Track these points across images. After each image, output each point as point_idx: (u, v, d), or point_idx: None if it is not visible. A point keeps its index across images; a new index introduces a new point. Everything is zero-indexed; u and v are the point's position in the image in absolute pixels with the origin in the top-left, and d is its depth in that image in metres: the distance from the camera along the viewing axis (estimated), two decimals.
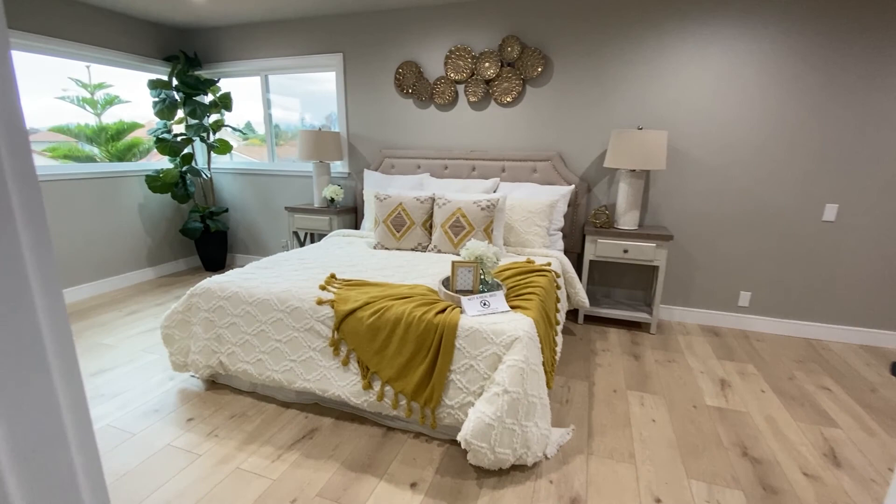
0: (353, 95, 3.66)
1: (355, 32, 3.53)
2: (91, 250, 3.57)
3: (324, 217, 3.59)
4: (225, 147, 4.12)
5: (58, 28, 3.21)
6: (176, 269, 4.31)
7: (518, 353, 1.60)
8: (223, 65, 4.04)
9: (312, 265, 2.41)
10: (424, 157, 3.46)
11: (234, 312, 2.05)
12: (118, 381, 2.28)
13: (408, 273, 2.32)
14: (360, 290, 2.02)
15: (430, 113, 3.45)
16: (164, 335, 2.18)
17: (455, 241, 2.67)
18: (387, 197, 2.88)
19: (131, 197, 3.86)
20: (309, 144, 3.46)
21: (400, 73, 3.43)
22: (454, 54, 3.25)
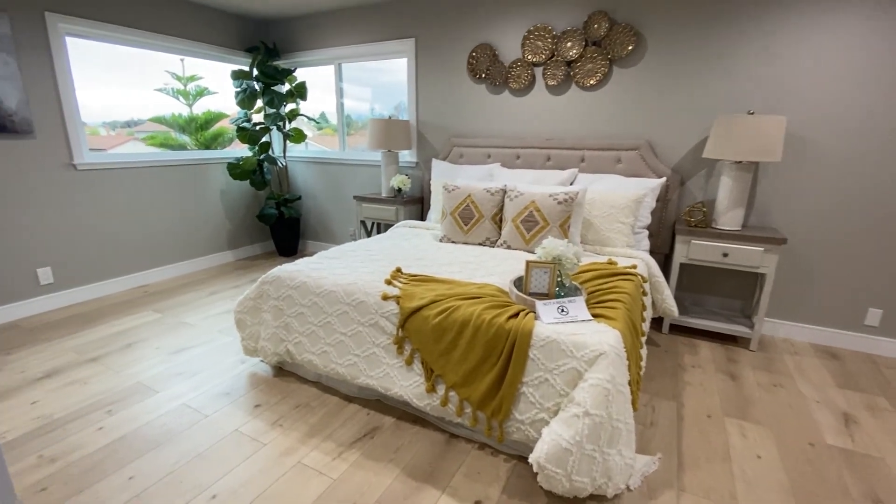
0: (423, 82, 3.55)
1: (428, 16, 3.40)
2: (179, 233, 3.81)
3: (390, 207, 3.54)
4: (299, 136, 4.21)
5: (157, 23, 3.41)
6: (252, 252, 4.52)
7: (603, 370, 1.40)
8: (299, 54, 4.11)
9: (379, 257, 2.35)
10: (495, 145, 3.27)
11: (302, 302, 2.04)
12: (196, 360, 2.38)
13: (475, 270, 2.18)
14: (426, 287, 1.92)
15: (504, 98, 3.25)
16: (237, 320, 2.22)
17: (527, 238, 2.48)
18: (455, 188, 2.75)
19: (215, 183, 4.07)
20: (378, 133, 3.41)
21: (473, 56, 3.26)
22: (533, 35, 3.01)
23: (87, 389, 2.10)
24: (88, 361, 2.36)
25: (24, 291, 2.92)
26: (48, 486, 1.53)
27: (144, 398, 2.04)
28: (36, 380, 2.18)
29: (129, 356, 2.43)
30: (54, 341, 2.59)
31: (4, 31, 2.63)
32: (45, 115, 2.88)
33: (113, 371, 2.27)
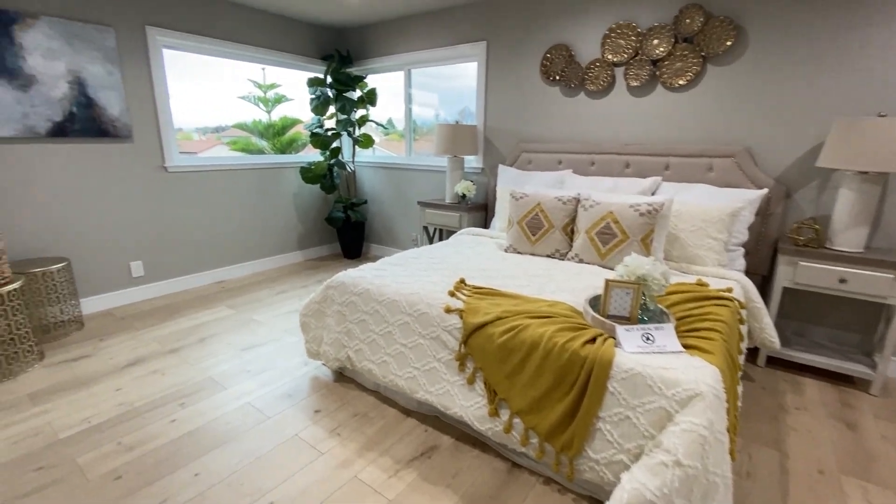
0: (493, 86, 3.45)
1: (501, 18, 3.29)
2: (254, 233, 4.01)
3: (454, 213, 3.47)
4: (368, 141, 4.27)
5: (242, 34, 3.61)
6: (320, 254, 4.65)
7: (699, 414, 1.20)
8: (371, 61, 4.18)
9: (441, 266, 2.27)
10: (568, 151, 3.09)
11: (365, 309, 2.01)
12: (262, 359, 2.44)
13: (544, 285, 2.02)
14: (491, 301, 1.80)
15: (579, 101, 3.06)
16: (302, 323, 2.25)
17: (602, 251, 2.28)
18: (523, 196, 2.61)
19: (288, 186, 4.24)
20: (445, 138, 3.35)
21: (548, 58, 3.10)
22: (614, 33, 2.80)
23: (164, 380, 2.22)
24: (168, 353, 2.51)
25: (118, 283, 3.19)
26: (123, 474, 1.60)
27: (213, 393, 2.11)
28: (122, 367, 2.34)
29: (204, 350, 2.54)
30: (141, 331, 2.79)
31: (110, 45, 2.89)
32: (142, 122, 3.14)
33: (188, 364, 2.38)
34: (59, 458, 1.67)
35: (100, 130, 2.92)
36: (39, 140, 2.71)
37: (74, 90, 2.78)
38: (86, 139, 2.89)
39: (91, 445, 1.74)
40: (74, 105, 2.80)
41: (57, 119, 2.74)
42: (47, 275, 2.60)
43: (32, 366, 2.34)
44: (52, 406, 2.00)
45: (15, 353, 2.26)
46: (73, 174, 2.87)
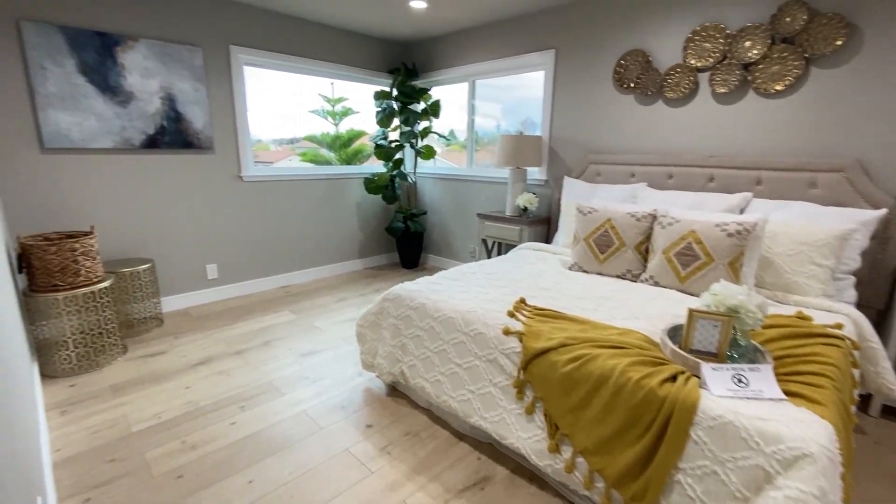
0: (560, 95, 3.31)
1: (572, 25, 3.16)
2: (318, 240, 4.14)
3: (514, 227, 3.35)
4: (430, 153, 4.28)
5: (315, 50, 3.77)
6: (379, 262, 4.72)
7: (808, 480, 1.00)
8: (435, 73, 4.19)
9: (501, 282, 2.17)
10: (641, 163, 2.87)
11: (420, 325, 1.95)
12: (320, 366, 2.47)
13: (615, 309, 1.85)
14: (554, 325, 1.67)
15: (656, 110, 2.84)
16: (358, 333, 2.24)
17: (682, 275, 2.06)
18: (591, 210, 2.45)
19: (352, 196, 4.35)
20: (508, 149, 3.26)
21: (622, 64, 2.92)
22: (699, 35, 2.57)
23: (229, 381, 2.30)
24: (234, 354, 2.61)
25: (195, 284, 3.40)
26: (184, 474, 1.65)
27: (272, 399, 2.14)
28: (192, 365, 2.47)
29: (266, 353, 2.62)
30: (212, 331, 2.94)
31: (198, 63, 3.12)
32: (223, 134, 3.35)
33: (251, 367, 2.46)
34: (130, 451, 1.77)
35: (185, 142, 3.16)
36: (133, 151, 2.97)
37: (165, 105, 3.03)
38: (173, 150, 3.13)
39: (159, 441, 1.82)
40: (165, 119, 3.04)
41: (150, 132, 2.99)
42: (134, 274, 2.82)
43: (116, 359, 2.53)
44: (129, 399, 2.13)
45: (102, 346, 2.46)
46: (161, 183, 3.11)
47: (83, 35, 2.66)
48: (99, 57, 2.73)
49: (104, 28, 2.74)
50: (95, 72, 2.73)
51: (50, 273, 2.28)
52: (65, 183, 2.74)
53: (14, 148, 2.56)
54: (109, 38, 2.75)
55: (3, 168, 2.54)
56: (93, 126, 2.77)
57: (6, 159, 2.55)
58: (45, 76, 2.57)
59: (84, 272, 2.38)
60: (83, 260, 2.37)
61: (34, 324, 2.29)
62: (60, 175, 2.72)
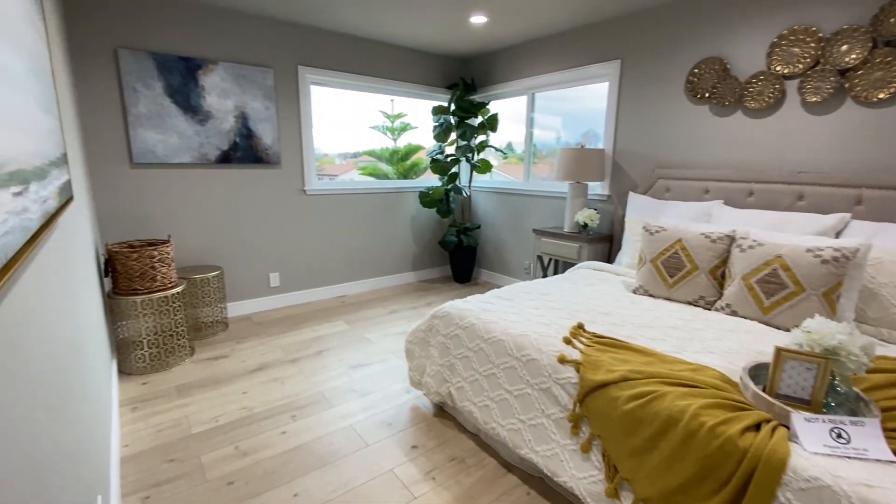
0: (625, 107, 3.14)
1: (639, 34, 3.00)
2: (374, 252, 4.21)
3: (573, 244, 3.20)
4: (486, 167, 4.24)
5: (377, 68, 3.88)
6: (431, 276, 4.71)
7: None
8: (494, 87, 4.16)
9: (556, 304, 2.06)
10: (717, 178, 2.64)
11: (469, 346, 1.89)
12: (369, 379, 2.47)
13: (685, 341, 1.68)
14: (616, 355, 1.54)
15: (734, 121, 2.60)
16: (407, 350, 2.21)
17: (765, 305, 1.84)
18: (660, 229, 2.27)
19: (407, 210, 4.40)
20: (568, 163, 3.13)
21: (695, 73, 2.72)
22: (786, 40, 2.34)
23: (283, 389, 2.36)
24: (289, 362, 2.68)
25: (258, 291, 3.57)
26: (235, 480, 1.68)
27: (322, 410, 2.16)
28: (250, 371, 2.56)
29: (319, 363, 2.67)
30: (271, 337, 3.06)
31: (269, 83, 3.31)
32: (289, 150, 3.52)
33: (304, 376, 2.51)
34: (188, 452, 1.84)
35: (255, 158, 3.35)
36: (208, 166, 3.19)
37: (238, 123, 3.24)
38: (244, 165, 3.33)
39: (214, 445, 1.89)
40: (237, 136, 3.25)
41: (224, 148, 3.21)
42: (204, 281, 3.00)
43: (184, 360, 2.69)
44: (191, 400, 2.24)
45: (173, 348, 2.62)
46: (231, 195, 3.31)
47: (170, 60, 2.91)
48: (183, 79, 2.98)
49: (189, 53, 2.99)
50: (179, 93, 2.98)
51: (131, 278, 2.47)
52: (148, 195, 2.99)
53: (109, 163, 2.84)
54: (193, 62, 2.99)
55: (99, 181, 2.82)
56: (175, 143, 3.01)
57: (102, 173, 2.82)
58: (137, 98, 2.84)
59: (160, 278, 2.56)
60: (160, 266, 2.56)
61: (115, 324, 2.49)
62: (145, 187, 2.98)
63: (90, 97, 2.72)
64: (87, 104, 2.72)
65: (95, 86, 2.73)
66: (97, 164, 2.80)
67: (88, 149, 2.77)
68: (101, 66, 2.73)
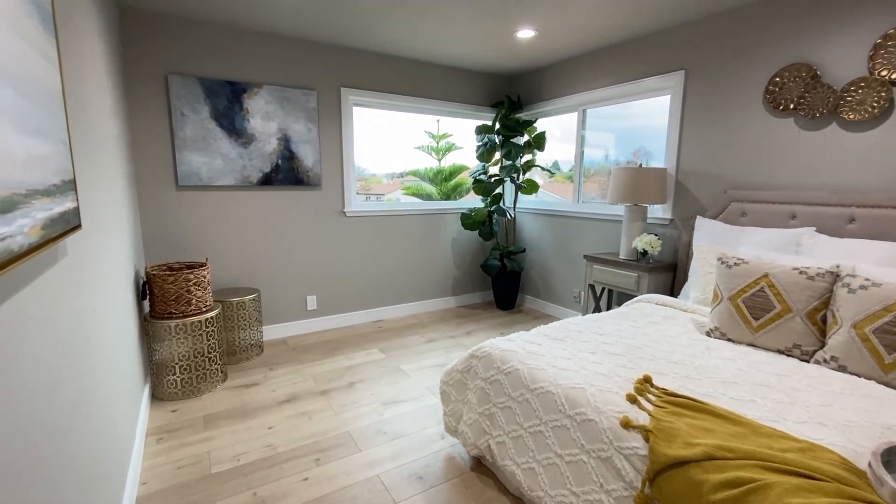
0: (690, 121, 2.83)
1: (707, 41, 2.71)
2: (413, 275, 4.05)
3: (630, 273, 2.88)
4: (532, 187, 4.01)
5: (420, 88, 3.80)
6: (473, 300, 4.48)
7: None
8: (541, 104, 3.96)
9: (616, 348, 1.77)
10: (806, 201, 2.26)
11: (512, 394, 1.64)
12: (401, 419, 2.26)
13: (783, 405, 1.35)
14: (695, 421, 1.24)
15: (827, 135, 2.23)
16: (442, 391, 1.99)
17: (887, 362, 1.47)
18: (739, 261, 1.93)
19: (448, 231, 4.22)
20: (625, 183, 2.84)
21: (777, 82, 2.38)
22: (894, 40, 1.97)
23: (310, 426, 2.20)
24: (319, 393, 2.54)
25: (295, 314, 3.50)
26: None
27: (348, 454, 1.98)
28: (279, 402, 2.44)
29: (350, 397, 2.50)
30: (304, 365, 2.94)
31: (312, 105, 3.28)
32: (330, 171, 3.47)
33: (333, 411, 2.35)
34: (205, 496, 1.70)
35: (297, 179, 3.31)
36: (250, 188, 3.18)
37: (281, 145, 3.22)
38: (285, 187, 3.30)
39: (232, 489, 1.74)
40: (280, 158, 3.23)
41: (266, 170, 3.19)
42: (240, 304, 2.95)
43: (216, 386, 2.61)
44: (217, 433, 2.13)
45: (205, 373, 2.55)
46: (271, 217, 3.28)
47: (217, 84, 2.95)
48: (228, 103, 3.00)
49: (235, 77, 3.02)
50: (224, 116, 3.00)
51: (166, 301, 2.44)
52: (191, 217, 3.01)
53: (156, 186, 2.88)
54: (238, 86, 3.01)
55: (146, 204, 2.86)
56: (219, 166, 3.02)
57: (150, 196, 2.87)
58: (184, 122, 2.88)
59: (195, 301, 2.52)
60: (195, 290, 2.51)
61: (151, 348, 2.46)
62: (188, 210, 2.99)
63: (140, 120, 2.78)
64: (138, 127, 2.79)
65: (146, 110, 2.79)
66: (144, 186, 2.85)
67: (137, 171, 2.82)
68: (152, 92, 2.79)
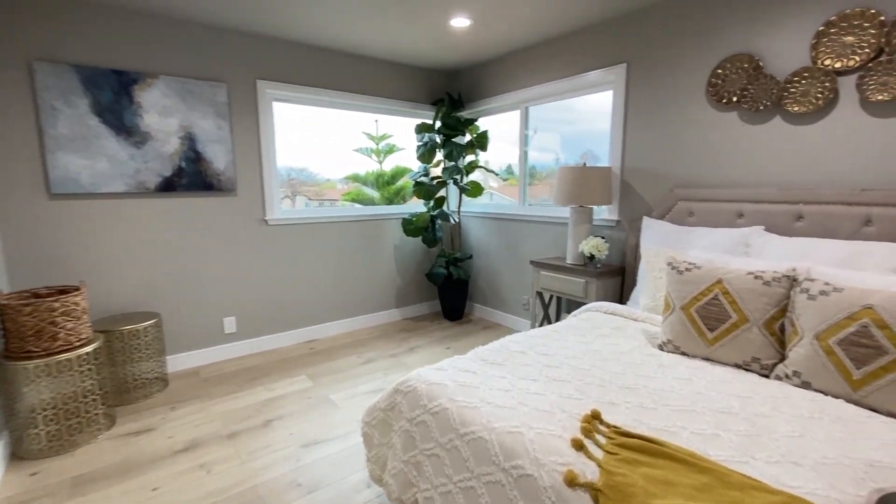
0: (634, 118, 2.68)
1: (648, 33, 2.57)
2: (351, 288, 3.69)
3: (578, 279, 2.68)
4: (476, 189, 3.78)
5: (352, 83, 3.46)
6: (419, 312, 4.18)
7: None
8: (483, 102, 3.74)
9: (561, 371, 1.53)
10: (753, 199, 2.14)
11: (440, 440, 1.35)
12: (321, 465, 1.92)
13: (751, 439, 1.14)
14: (653, 470, 1.01)
15: (772, 129, 2.13)
16: (364, 434, 1.67)
17: (855, 378, 1.30)
18: (691, 266, 1.75)
19: (389, 239, 3.91)
20: (568, 184, 2.65)
21: (720, 74, 2.26)
22: (837, 27, 1.88)
23: (207, 483, 1.81)
24: (226, 438, 2.14)
25: (210, 339, 3.05)
26: None
27: None
28: (174, 453, 2.02)
29: (263, 439, 2.12)
30: (214, 399, 2.52)
31: (221, 100, 2.87)
32: (247, 174, 3.06)
33: (240, 459, 1.96)
34: None
35: (205, 184, 2.88)
36: (147, 195, 2.72)
37: (185, 145, 2.78)
38: (191, 193, 2.86)
39: None
40: (183, 160, 2.79)
41: (166, 174, 2.74)
42: (134, 333, 2.48)
43: (96, 437, 2.15)
44: (83, 502, 1.70)
45: (80, 423, 2.09)
46: (175, 228, 2.83)
47: (99, 74, 2.48)
48: (115, 96, 2.54)
49: (122, 66, 2.56)
50: (110, 111, 2.53)
51: (23, 337, 1.96)
52: (69, 231, 2.51)
53: (20, 195, 2.37)
54: (127, 77, 2.56)
55: (8, 217, 2.35)
56: (104, 169, 2.55)
57: (13, 207, 2.35)
58: (55, 117, 2.39)
59: (63, 335, 2.05)
60: (63, 321, 2.05)
61: (7, 395, 1.97)
62: (66, 223, 2.50)
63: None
64: None
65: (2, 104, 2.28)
66: (5, 195, 2.33)
67: None
68: (10, 81, 2.29)
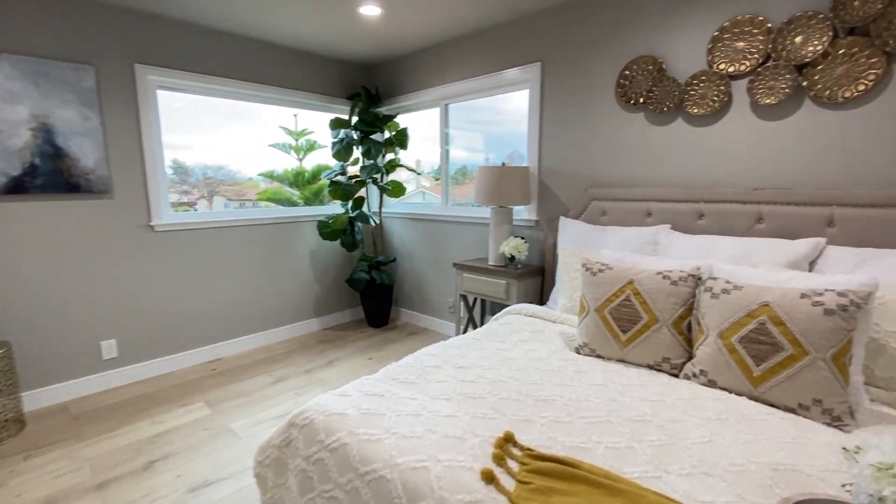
0: (550, 117, 2.67)
1: (559, 33, 2.56)
2: (262, 299, 3.36)
3: (499, 280, 2.62)
4: (398, 190, 3.61)
5: (257, 73, 3.13)
6: (341, 320, 3.93)
7: None
8: (402, 98, 3.58)
9: (476, 387, 1.42)
10: (660, 198, 2.20)
11: (339, 480, 1.17)
12: None
13: (664, 448, 1.10)
14: (568, 498, 0.91)
15: (675, 130, 2.19)
16: (257, 475, 1.44)
17: (755, 374, 1.32)
18: (604, 267, 1.73)
19: (305, 243, 3.62)
20: (488, 183, 2.58)
21: (627, 76, 2.29)
22: (730, 33, 1.96)
23: None
24: (94, 490, 1.78)
25: (84, 367, 2.59)
26: None
27: None
28: None
29: (141, 486, 1.80)
30: (84, 442, 2.12)
31: (88, 84, 2.44)
32: (126, 174, 2.63)
33: None
34: None
35: (68, 185, 2.43)
36: None
37: (38, 138, 2.32)
38: (49, 195, 2.40)
39: None
40: (37, 156, 2.32)
41: (14, 173, 2.27)
42: None
43: None
44: None
45: None
46: (29, 239, 2.36)
47: None
48: None
49: None
50: None
51: None
52: None
53: None
54: None
55: None
56: None
57: None
58: None
59: None
60: None
61: None
62: None
63: None
64: None
65: None
66: None
67: None
68: None
